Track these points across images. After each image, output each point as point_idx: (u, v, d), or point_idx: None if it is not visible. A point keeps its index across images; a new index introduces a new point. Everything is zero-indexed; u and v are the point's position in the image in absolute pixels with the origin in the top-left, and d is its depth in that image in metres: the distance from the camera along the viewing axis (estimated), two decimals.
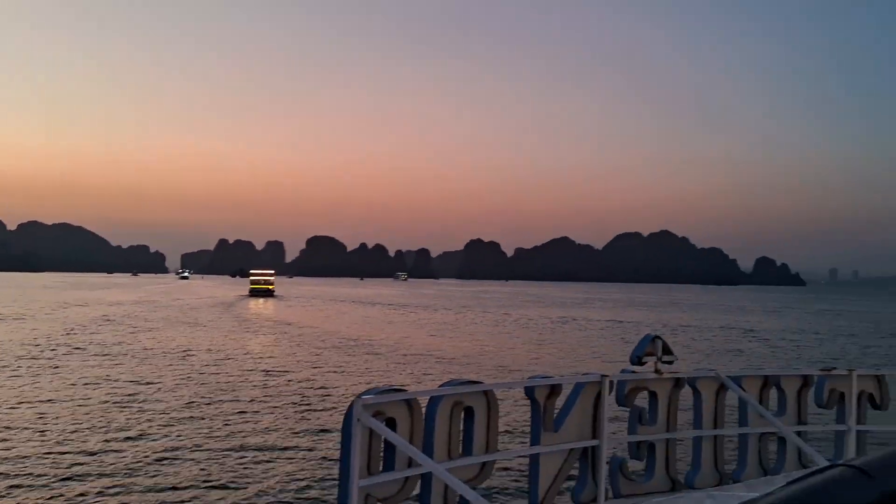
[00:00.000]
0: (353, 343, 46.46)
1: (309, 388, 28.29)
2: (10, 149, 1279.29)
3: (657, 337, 6.56)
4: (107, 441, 19.10)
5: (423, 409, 5.09)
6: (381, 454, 4.82)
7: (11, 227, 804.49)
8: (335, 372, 32.96)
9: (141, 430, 20.41)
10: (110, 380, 29.20)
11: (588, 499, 5.98)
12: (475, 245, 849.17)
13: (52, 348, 39.69)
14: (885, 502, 1.42)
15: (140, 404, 24.27)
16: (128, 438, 19.45)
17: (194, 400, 25.26)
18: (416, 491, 5.01)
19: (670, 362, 6.59)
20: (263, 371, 32.78)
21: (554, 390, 5.85)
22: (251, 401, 25.28)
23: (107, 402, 24.56)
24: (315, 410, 23.86)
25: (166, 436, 19.82)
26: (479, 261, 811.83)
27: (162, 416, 22.42)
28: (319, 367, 34.41)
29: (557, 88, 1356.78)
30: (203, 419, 22.06)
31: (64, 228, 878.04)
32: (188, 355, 37.92)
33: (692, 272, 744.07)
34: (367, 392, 4.70)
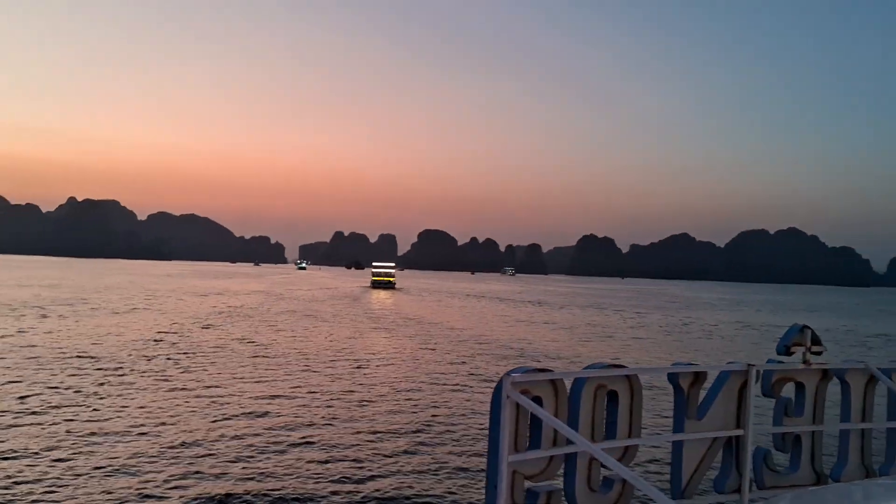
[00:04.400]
0: (516, 351, 40.13)
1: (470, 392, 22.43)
2: (140, 145, 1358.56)
3: (806, 327, 6.32)
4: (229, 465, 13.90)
5: (568, 391, 4.99)
6: (528, 432, 4.76)
7: (142, 217, 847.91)
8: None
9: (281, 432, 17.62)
10: (236, 388, 24.02)
11: (731, 489, 5.86)
12: (588, 240, 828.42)
13: (170, 344, 35.45)
14: None
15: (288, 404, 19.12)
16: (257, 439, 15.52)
17: (345, 397, 21.10)
18: (560, 470, 4.88)
19: (819, 353, 6.39)
20: (417, 375, 27.05)
21: (698, 378, 5.69)
22: (402, 395, 24.15)
23: (232, 415, 19.33)
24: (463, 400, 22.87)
25: (311, 423, 19.93)
26: (592, 257, 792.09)
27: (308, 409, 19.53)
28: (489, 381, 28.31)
29: (673, 81, 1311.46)
30: (354, 414, 19.38)
31: (190, 219, 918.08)
32: (333, 354, 32.73)
33: (822, 272, 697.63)
34: (514, 370, 4.67)
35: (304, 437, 18.32)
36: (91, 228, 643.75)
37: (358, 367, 30.52)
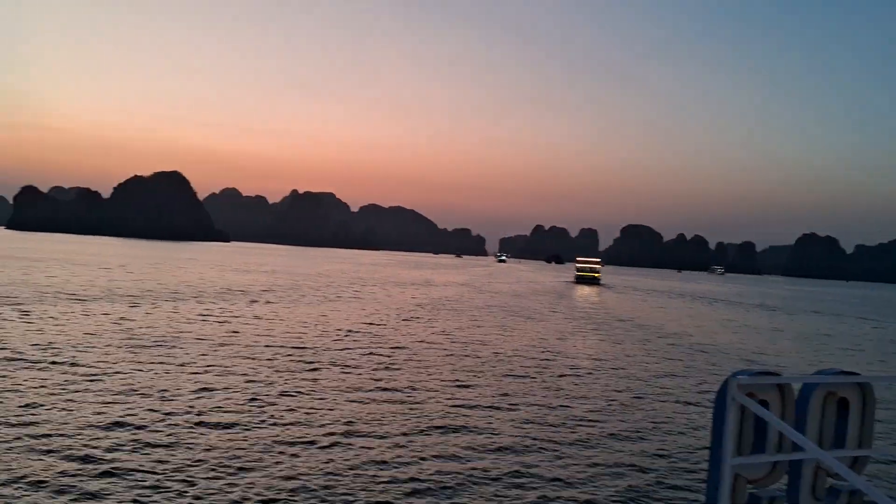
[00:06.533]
0: (742, 359, 34.46)
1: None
2: (355, 143, 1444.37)
3: None
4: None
5: (795, 396, 4.78)
6: (752, 436, 4.61)
7: (354, 209, 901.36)
8: None
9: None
10: (433, 389, 21.02)
11: None
12: (807, 239, 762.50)
13: (370, 336, 33.70)
14: None
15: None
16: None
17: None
18: (784, 476, 4.69)
19: None
20: (634, 383, 22.88)
21: None
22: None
23: (427, 418, 16.47)
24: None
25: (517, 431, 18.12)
26: (812, 257, 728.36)
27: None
28: None
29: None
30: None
31: (398, 211, 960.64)
32: (540, 356, 29.28)
33: None
34: (739, 372, 4.48)
35: (507, 449, 16.24)
36: (310, 219, 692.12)
37: (568, 374, 26.73)
